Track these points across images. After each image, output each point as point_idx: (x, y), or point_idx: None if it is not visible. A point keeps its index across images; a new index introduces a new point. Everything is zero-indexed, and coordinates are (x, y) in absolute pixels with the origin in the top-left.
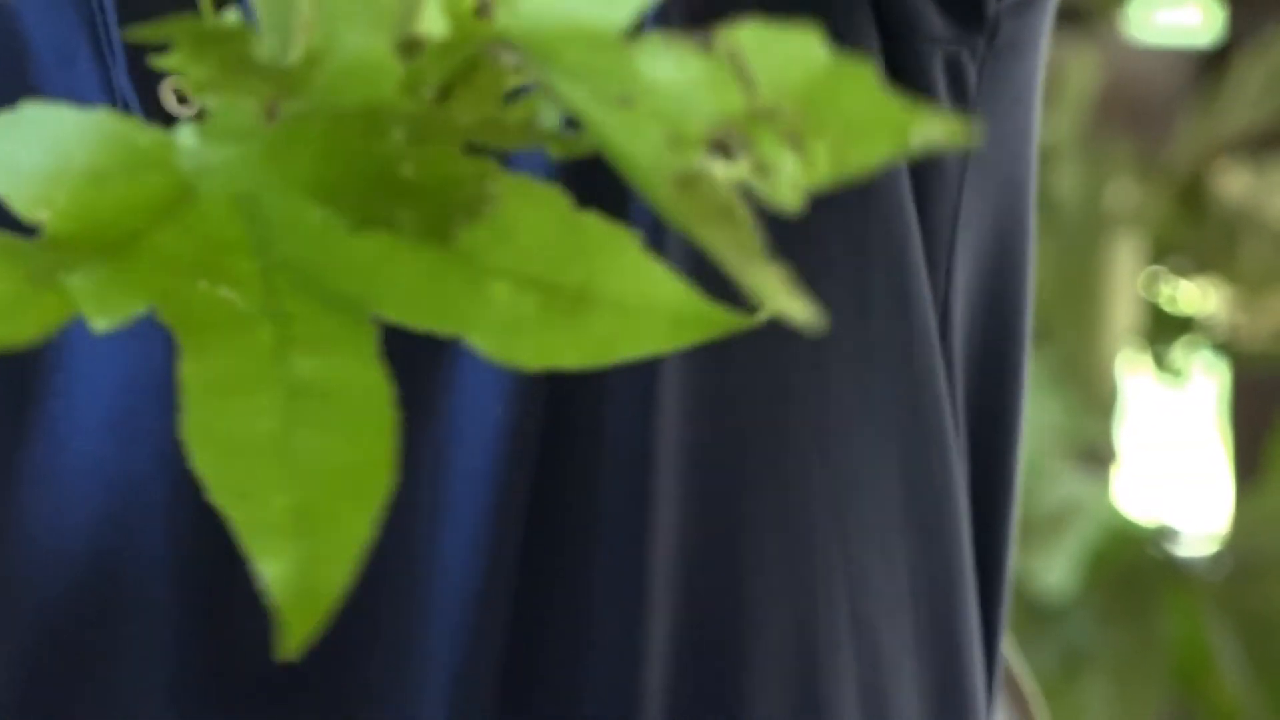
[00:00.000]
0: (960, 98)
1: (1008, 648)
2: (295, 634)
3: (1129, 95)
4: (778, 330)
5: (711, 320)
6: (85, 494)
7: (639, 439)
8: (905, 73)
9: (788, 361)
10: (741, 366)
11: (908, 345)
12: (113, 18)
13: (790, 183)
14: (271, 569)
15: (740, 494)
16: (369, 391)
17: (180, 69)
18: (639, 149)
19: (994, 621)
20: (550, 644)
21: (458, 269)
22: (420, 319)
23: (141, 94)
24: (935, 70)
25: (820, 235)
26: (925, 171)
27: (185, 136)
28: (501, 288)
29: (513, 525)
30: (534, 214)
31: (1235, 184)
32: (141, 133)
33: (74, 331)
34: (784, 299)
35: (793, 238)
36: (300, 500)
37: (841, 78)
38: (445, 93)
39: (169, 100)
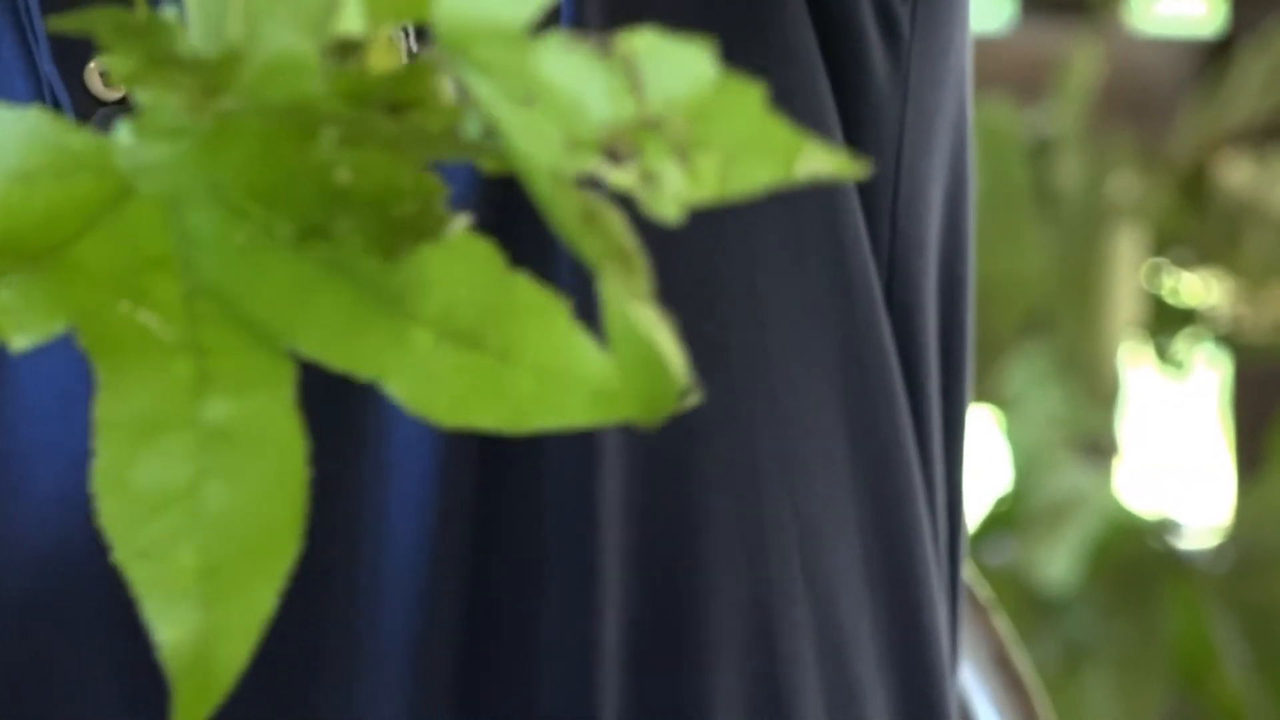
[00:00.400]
0: (893, 43)
1: (1009, 639)
2: (190, 708)
3: (1131, 87)
4: (715, 284)
5: (633, 401)
6: (36, 478)
7: None
8: (834, 19)
9: (726, 315)
10: (680, 321)
11: (845, 297)
12: (35, 2)
13: (673, 195)
14: (169, 636)
15: (686, 448)
16: (282, 441)
17: (108, 60)
18: (539, 151)
19: (954, 578)
20: (504, 608)
21: (381, 310)
22: (338, 358)
23: (67, 78)
24: (864, 16)
25: None
26: (859, 121)
27: (121, 134)
28: (423, 336)
29: (461, 485)
30: (465, 267)
31: (1238, 176)
32: (74, 134)
33: None
34: (665, 346)
35: None
36: (205, 562)
37: (729, 96)
38: (395, 110)
39: (94, 84)
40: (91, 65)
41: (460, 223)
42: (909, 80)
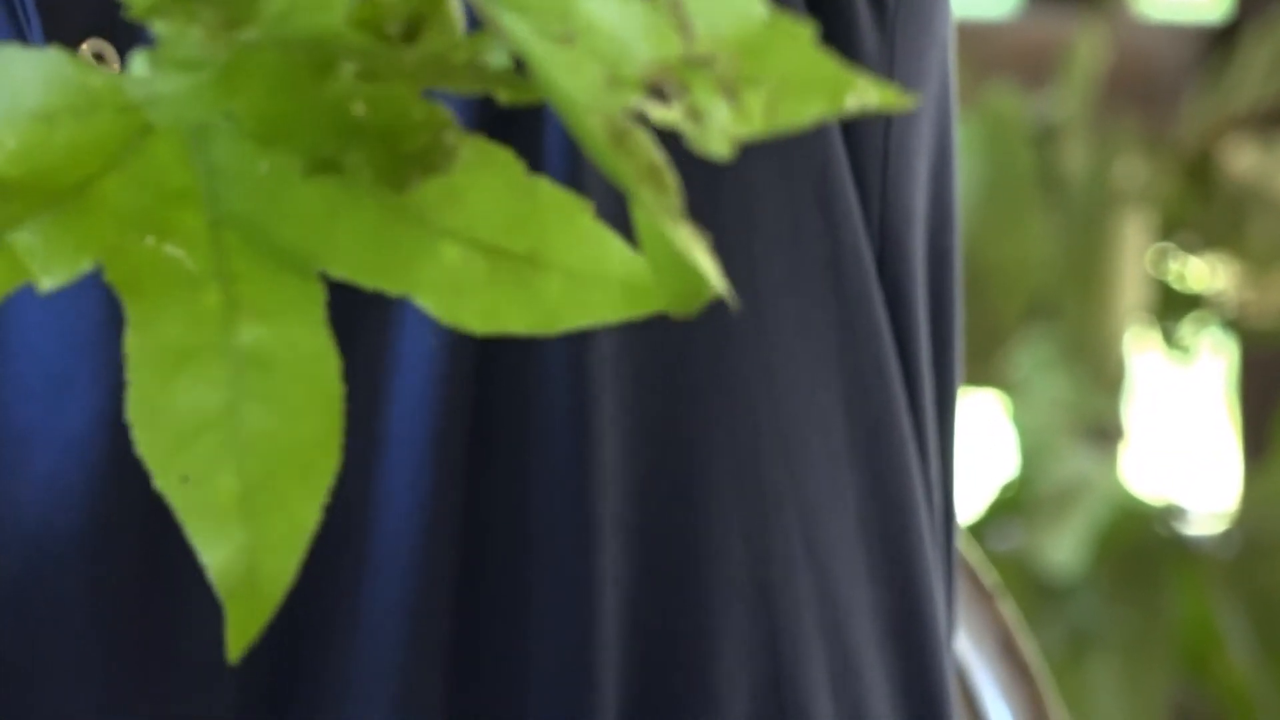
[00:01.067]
0: (878, 12)
1: (1015, 625)
2: (242, 627)
3: (1136, 72)
4: (713, 255)
5: (662, 292)
6: (28, 458)
7: (576, 367)
8: None
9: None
10: None
11: (838, 269)
12: None
13: (721, 131)
14: (216, 557)
15: (684, 419)
16: (315, 361)
17: None
18: (577, 88)
19: (949, 549)
20: (498, 581)
21: (407, 227)
22: (367, 276)
23: None
24: None
25: (747, 160)
26: None
27: (138, 65)
28: (451, 249)
29: (454, 457)
30: (486, 176)
31: (1243, 161)
32: (93, 74)
33: (12, 296)
34: (701, 261)
35: (721, 165)
36: (246, 483)
37: (779, 33)
38: (408, 34)
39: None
40: (84, 47)
41: (468, 152)
42: (894, 50)
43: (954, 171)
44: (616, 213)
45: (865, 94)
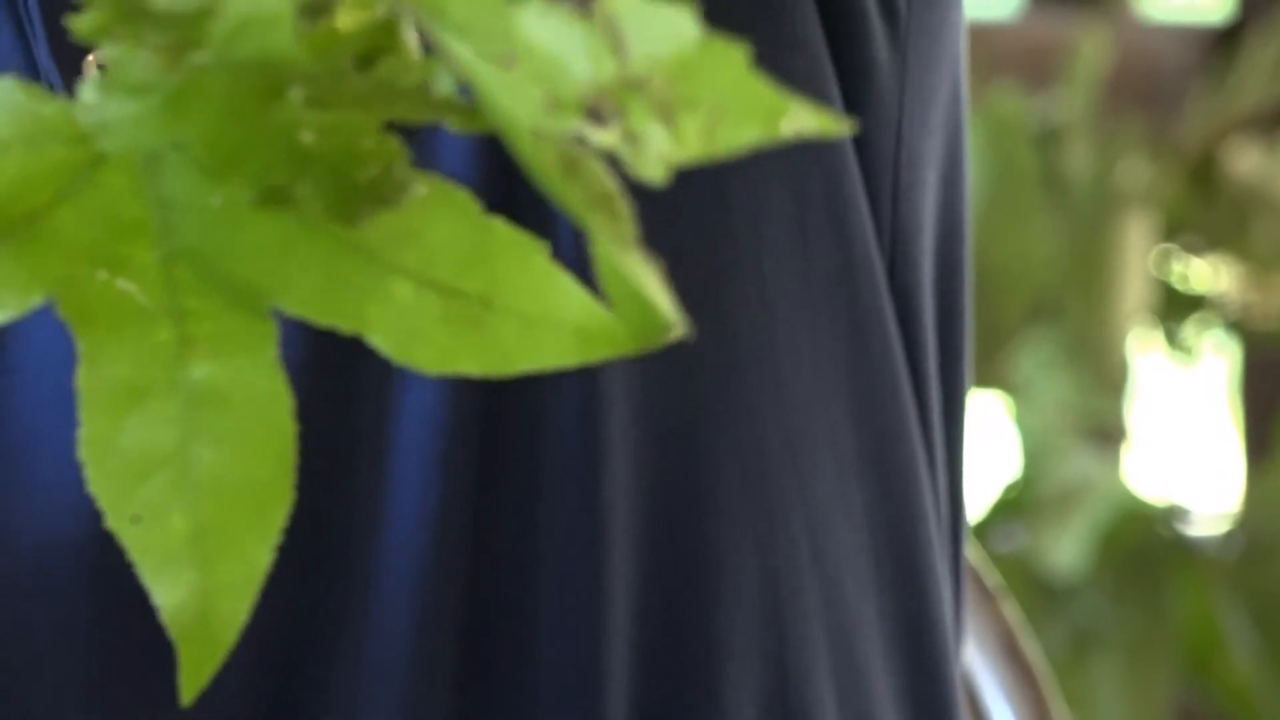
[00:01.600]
0: (892, 25)
1: (1017, 626)
2: (195, 670)
3: (1140, 74)
4: (723, 270)
5: (617, 337)
6: (35, 465)
7: (587, 379)
8: (839, 2)
9: (735, 298)
10: (689, 304)
11: (849, 281)
12: None
13: (657, 155)
14: (168, 599)
15: (693, 432)
16: (267, 401)
17: (82, 13)
18: (520, 110)
19: (956, 560)
20: (507, 592)
21: (360, 264)
22: (320, 313)
23: (64, 73)
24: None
25: (758, 172)
26: (862, 106)
27: (87, 91)
28: (404, 287)
29: (462, 468)
30: (443, 216)
31: (1246, 162)
32: (45, 102)
33: None
34: (654, 292)
35: (732, 177)
36: (197, 524)
37: (712, 56)
38: (362, 64)
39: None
40: (90, 58)
41: (420, 187)
42: (907, 62)
43: (965, 181)
44: None
45: (800, 119)
